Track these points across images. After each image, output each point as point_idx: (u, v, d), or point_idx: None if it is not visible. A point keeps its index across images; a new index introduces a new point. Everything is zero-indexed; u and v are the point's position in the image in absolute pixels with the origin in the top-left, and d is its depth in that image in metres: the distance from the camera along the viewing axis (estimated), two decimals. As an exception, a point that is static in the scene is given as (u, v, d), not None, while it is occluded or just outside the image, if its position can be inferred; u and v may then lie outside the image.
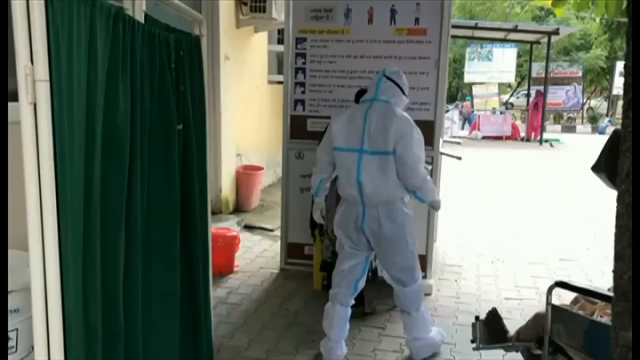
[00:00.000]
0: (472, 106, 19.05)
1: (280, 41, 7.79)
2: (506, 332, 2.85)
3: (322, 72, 4.47)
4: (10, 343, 2.13)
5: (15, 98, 1.35)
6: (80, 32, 1.40)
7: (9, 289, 2.08)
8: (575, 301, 2.70)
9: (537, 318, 2.62)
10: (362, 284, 3.28)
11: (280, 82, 5.13)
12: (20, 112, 1.32)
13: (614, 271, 1.43)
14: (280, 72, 7.22)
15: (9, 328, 2.12)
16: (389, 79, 3.12)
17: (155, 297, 2.02)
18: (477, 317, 2.91)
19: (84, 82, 1.42)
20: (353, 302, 3.30)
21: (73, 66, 1.38)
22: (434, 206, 3.35)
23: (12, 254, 2.37)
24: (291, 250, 4.69)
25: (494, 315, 2.90)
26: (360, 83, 4.26)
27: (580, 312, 2.46)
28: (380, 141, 2.97)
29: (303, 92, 4.53)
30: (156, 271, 2.01)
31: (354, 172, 3.02)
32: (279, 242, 4.87)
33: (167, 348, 2.13)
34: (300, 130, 4.55)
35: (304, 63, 4.49)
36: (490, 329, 2.87)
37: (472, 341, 2.90)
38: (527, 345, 2.71)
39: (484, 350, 2.96)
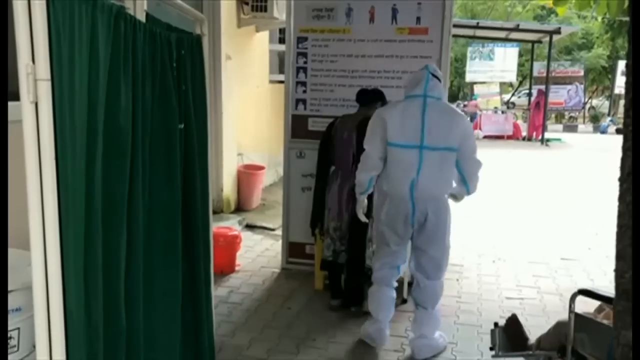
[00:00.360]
0: (477, 106, 19.00)
1: (281, 40, 7.78)
2: (526, 339, 2.75)
3: (323, 71, 4.46)
4: (12, 342, 2.14)
5: (15, 97, 1.35)
6: (81, 31, 1.40)
7: (11, 288, 2.08)
8: (599, 309, 2.58)
9: (559, 326, 2.53)
10: (404, 267, 3.42)
11: (281, 82, 5.14)
12: (22, 111, 1.33)
13: (616, 270, 1.43)
14: (281, 71, 7.22)
15: (11, 327, 2.12)
16: (434, 76, 3.18)
17: (157, 296, 2.02)
18: (496, 324, 2.80)
19: (85, 81, 1.42)
20: (396, 284, 3.44)
21: (74, 65, 1.38)
22: (463, 196, 3.40)
23: (14, 253, 2.37)
24: (292, 250, 4.69)
25: (513, 321, 2.80)
26: (362, 82, 4.26)
27: (605, 322, 2.32)
28: (441, 137, 3.06)
29: (304, 92, 4.53)
30: (158, 270, 2.02)
31: (414, 168, 3.08)
32: (280, 242, 4.87)
33: (168, 347, 2.13)
34: (301, 130, 4.55)
35: (305, 62, 4.49)
36: (509, 335, 2.75)
37: (491, 349, 2.79)
38: (549, 354, 2.58)
39: (503, 358, 2.80)
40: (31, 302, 1.45)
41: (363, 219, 3.41)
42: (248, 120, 6.97)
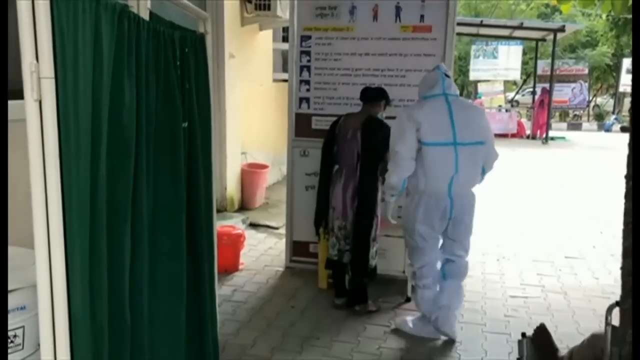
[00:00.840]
0: (482, 104, 18.95)
1: (285, 39, 7.78)
2: (556, 350, 2.63)
3: (327, 69, 4.46)
4: (17, 340, 2.14)
5: (17, 96, 1.35)
6: (85, 29, 1.39)
7: (15, 286, 2.09)
8: None
9: (594, 339, 2.40)
10: (439, 264, 3.53)
11: (285, 80, 5.13)
12: (26, 109, 1.32)
13: (622, 268, 1.42)
14: (285, 70, 7.22)
15: (16, 325, 2.12)
16: (446, 75, 3.31)
17: (161, 295, 2.02)
18: (523, 334, 2.65)
19: (89, 79, 1.42)
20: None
21: (78, 63, 1.38)
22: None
23: (18, 252, 2.38)
24: (296, 248, 4.69)
25: (542, 330, 2.67)
26: (365, 81, 4.26)
27: None
28: (470, 133, 3.19)
29: (308, 90, 4.52)
30: (162, 268, 2.01)
31: (451, 165, 3.19)
32: (284, 240, 4.87)
33: (173, 346, 2.13)
34: (305, 128, 4.55)
35: (309, 61, 4.49)
36: (538, 346, 2.62)
37: None
38: None
39: None
40: (36, 300, 1.46)
41: (393, 222, 3.46)
42: (252, 119, 6.97)
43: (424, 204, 3.28)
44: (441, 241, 3.47)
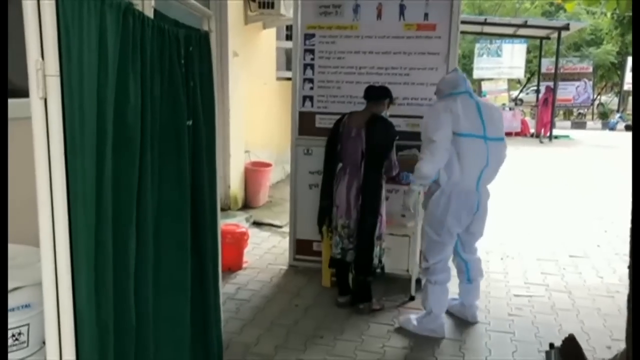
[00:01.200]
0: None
1: (288, 37, 7.78)
2: None
3: (330, 68, 4.45)
4: (22, 338, 2.15)
5: (20, 94, 1.35)
6: (90, 27, 1.39)
7: (20, 284, 2.09)
8: None
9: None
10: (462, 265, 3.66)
11: (288, 79, 5.14)
12: (31, 107, 1.33)
13: (630, 267, 1.42)
14: (288, 68, 7.22)
15: (21, 323, 2.13)
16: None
17: (166, 292, 2.03)
18: (552, 345, 2.54)
19: (94, 77, 1.42)
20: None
21: (83, 61, 1.38)
22: None
23: (23, 250, 2.38)
24: (300, 247, 4.69)
25: (571, 341, 2.53)
26: (369, 79, 4.25)
27: None
28: (494, 129, 3.33)
29: (311, 89, 4.52)
30: (166, 266, 2.02)
31: (484, 158, 3.29)
32: (287, 239, 4.87)
33: (178, 344, 2.13)
34: (308, 127, 4.55)
35: (313, 59, 4.48)
36: (566, 357, 2.49)
37: None
38: None
39: None
40: (41, 298, 1.46)
41: (413, 210, 3.49)
42: (255, 117, 6.97)
43: (456, 198, 3.35)
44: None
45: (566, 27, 15.51)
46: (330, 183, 3.82)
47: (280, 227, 5.77)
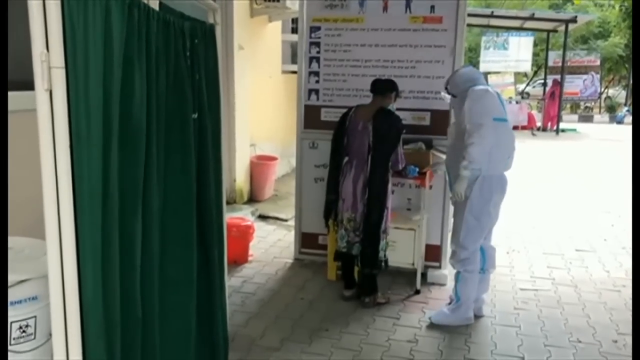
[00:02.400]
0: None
1: (294, 30, 7.75)
2: None
3: (336, 61, 4.43)
4: (29, 330, 2.16)
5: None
6: (95, 19, 1.39)
7: (26, 277, 2.10)
8: None
9: None
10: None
11: (294, 72, 5.12)
12: (36, 99, 1.32)
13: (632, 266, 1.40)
14: (294, 61, 7.20)
15: (28, 315, 2.14)
16: None
17: (172, 284, 2.03)
18: None
19: (99, 69, 1.42)
20: None
21: (89, 53, 1.38)
22: None
23: (30, 242, 2.39)
24: (305, 240, 4.69)
25: None
26: (375, 72, 4.23)
27: None
28: (509, 118, 3.50)
29: (317, 82, 4.50)
30: (172, 258, 2.02)
31: (513, 142, 3.45)
32: (292, 232, 4.87)
33: (184, 336, 2.14)
34: (314, 120, 4.53)
35: (318, 52, 4.47)
36: None
37: None
38: None
39: None
40: (48, 291, 1.46)
41: (463, 198, 3.43)
42: (261, 111, 6.96)
43: (496, 182, 3.43)
44: None
45: (574, 20, 15.38)
46: (336, 177, 3.81)
47: (285, 220, 5.77)
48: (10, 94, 1.97)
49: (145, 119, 1.69)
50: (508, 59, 18.16)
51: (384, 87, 3.74)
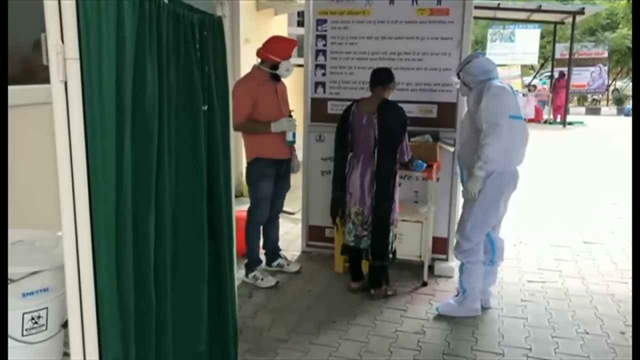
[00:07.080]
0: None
1: (300, 23, 7.75)
2: None
3: (342, 53, 4.43)
4: (41, 321, 2.19)
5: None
6: (108, 11, 1.40)
7: (39, 268, 2.13)
8: None
9: None
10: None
11: (300, 65, 5.13)
12: (52, 90, 1.34)
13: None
14: (300, 55, 7.18)
15: (40, 307, 2.17)
16: None
17: (184, 274, 2.05)
18: None
19: (112, 61, 1.43)
20: None
21: (102, 45, 1.39)
22: None
23: (41, 235, 2.42)
24: (312, 233, 4.71)
25: None
26: (382, 65, 4.20)
27: None
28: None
29: (324, 75, 4.51)
30: (184, 248, 2.04)
31: (526, 137, 3.43)
32: (300, 225, 4.89)
33: (195, 325, 2.16)
34: (320, 113, 4.54)
35: (325, 45, 4.47)
36: None
37: None
38: None
39: None
40: (59, 282, 1.48)
41: (476, 197, 3.43)
42: (267, 104, 6.95)
43: (509, 178, 3.46)
44: None
45: (581, 12, 15.26)
46: (342, 173, 3.79)
47: (292, 213, 5.78)
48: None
49: (157, 111, 1.70)
50: (515, 51, 18.05)
51: (385, 78, 3.73)
